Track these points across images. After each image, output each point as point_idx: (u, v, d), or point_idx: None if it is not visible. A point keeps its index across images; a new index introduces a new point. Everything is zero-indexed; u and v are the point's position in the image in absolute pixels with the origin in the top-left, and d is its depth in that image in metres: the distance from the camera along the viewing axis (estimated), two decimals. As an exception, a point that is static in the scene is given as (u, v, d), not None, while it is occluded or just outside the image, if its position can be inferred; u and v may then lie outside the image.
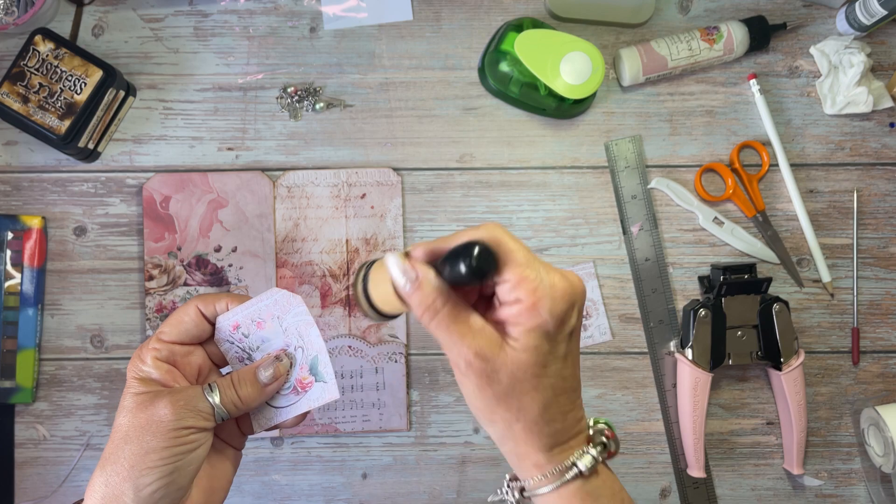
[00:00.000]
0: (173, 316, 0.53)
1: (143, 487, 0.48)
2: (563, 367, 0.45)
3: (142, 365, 0.51)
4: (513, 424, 0.45)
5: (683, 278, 0.82)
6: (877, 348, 0.83)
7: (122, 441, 0.48)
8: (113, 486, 0.48)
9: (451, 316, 0.44)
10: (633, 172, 0.82)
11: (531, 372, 0.44)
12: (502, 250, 0.44)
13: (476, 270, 0.42)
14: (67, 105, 0.75)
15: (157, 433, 0.48)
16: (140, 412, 0.49)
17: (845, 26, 0.82)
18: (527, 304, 0.43)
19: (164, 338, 0.52)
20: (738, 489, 0.82)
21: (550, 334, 0.44)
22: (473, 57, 0.83)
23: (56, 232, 0.81)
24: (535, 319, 0.43)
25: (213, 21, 0.82)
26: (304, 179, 0.81)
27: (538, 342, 0.44)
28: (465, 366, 0.44)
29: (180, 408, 0.49)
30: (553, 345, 0.44)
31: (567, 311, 0.44)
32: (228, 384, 0.51)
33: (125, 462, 0.48)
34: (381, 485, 0.81)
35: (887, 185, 0.83)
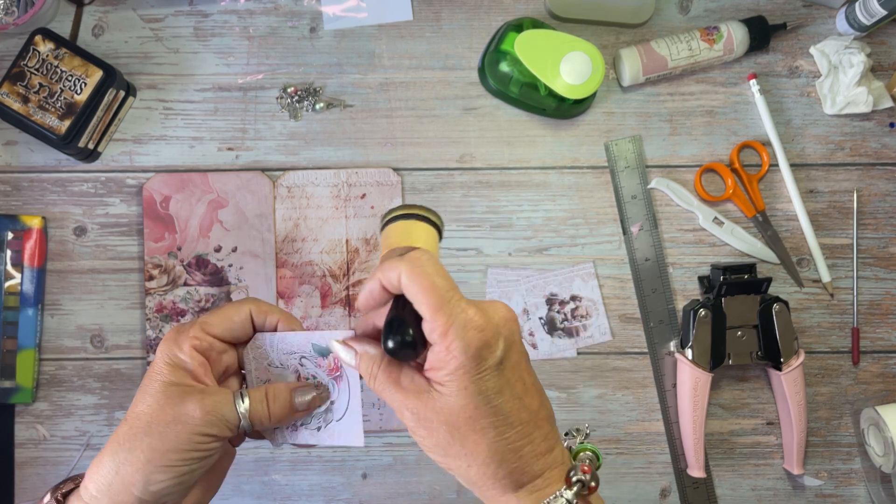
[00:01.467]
0: (223, 311, 0.51)
1: (154, 483, 0.47)
2: (501, 403, 0.44)
3: (178, 351, 0.49)
4: (467, 470, 0.44)
5: (683, 278, 0.82)
6: (877, 348, 0.83)
7: (142, 431, 0.47)
8: (124, 475, 0.47)
9: (384, 376, 0.46)
10: (633, 172, 0.82)
11: (464, 415, 0.43)
12: (417, 289, 0.43)
13: (395, 354, 0.45)
14: (67, 105, 0.75)
15: (181, 433, 0.47)
16: (168, 406, 0.48)
17: (845, 26, 0.82)
18: (442, 346, 0.43)
19: (207, 329, 0.51)
20: (738, 489, 0.82)
21: (472, 374, 0.43)
22: (473, 57, 0.83)
23: (56, 232, 0.81)
24: (453, 362, 0.43)
25: (213, 21, 0.82)
26: (304, 179, 0.81)
27: (462, 384, 0.43)
28: (406, 421, 0.45)
29: (208, 412, 0.48)
30: (480, 383, 0.43)
31: (484, 347, 0.43)
32: (261, 398, 0.50)
33: (142, 454, 0.47)
34: (381, 485, 0.81)
35: (887, 185, 0.83)
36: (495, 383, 0.44)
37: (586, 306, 0.82)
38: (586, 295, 0.82)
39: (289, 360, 0.54)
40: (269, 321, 0.53)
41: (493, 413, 0.44)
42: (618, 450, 0.82)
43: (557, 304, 0.82)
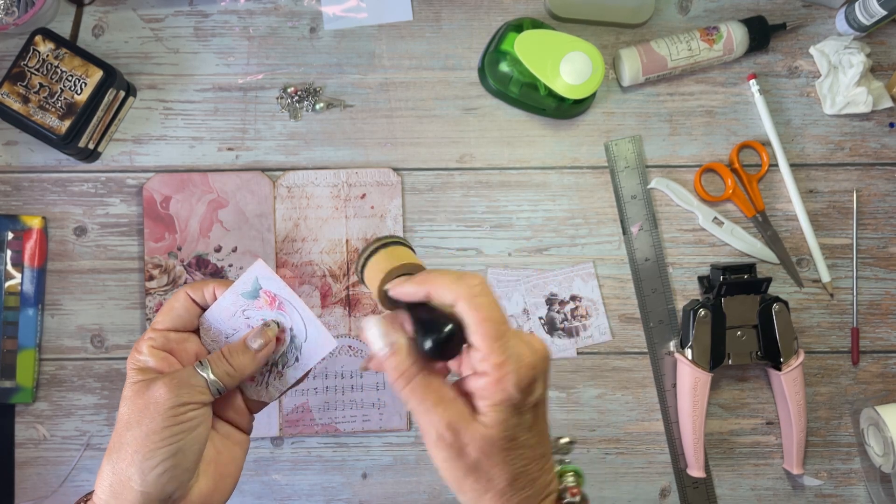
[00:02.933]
0: (164, 305, 0.54)
1: (149, 471, 0.48)
2: (530, 437, 0.45)
3: (138, 355, 0.52)
4: (482, 495, 0.45)
5: (683, 278, 0.82)
6: (876, 348, 0.83)
7: (124, 428, 0.49)
8: (120, 473, 0.49)
9: (423, 384, 0.45)
10: (632, 172, 0.82)
11: (499, 446, 0.44)
12: (476, 318, 0.44)
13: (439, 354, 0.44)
14: (68, 105, 0.75)
15: (156, 415, 0.49)
16: (138, 398, 0.50)
17: (845, 26, 0.82)
18: (493, 377, 0.44)
19: (157, 327, 0.53)
20: (738, 489, 0.82)
21: (517, 407, 0.44)
22: (473, 57, 0.83)
23: (56, 232, 0.81)
24: (502, 394, 0.44)
25: (214, 21, 0.82)
26: (304, 179, 0.81)
27: (506, 416, 0.44)
28: (437, 437, 0.44)
29: (174, 386, 0.50)
30: (520, 417, 0.45)
31: (532, 383, 0.44)
32: (219, 357, 0.53)
33: (129, 447, 0.49)
34: (381, 485, 0.81)
35: (887, 185, 0.83)
36: (531, 418, 0.45)
37: (586, 306, 0.82)
38: (586, 295, 0.82)
39: (235, 322, 0.56)
40: (206, 294, 0.55)
41: (524, 446, 0.45)
42: (618, 450, 0.82)
43: (557, 304, 0.82)
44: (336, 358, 0.80)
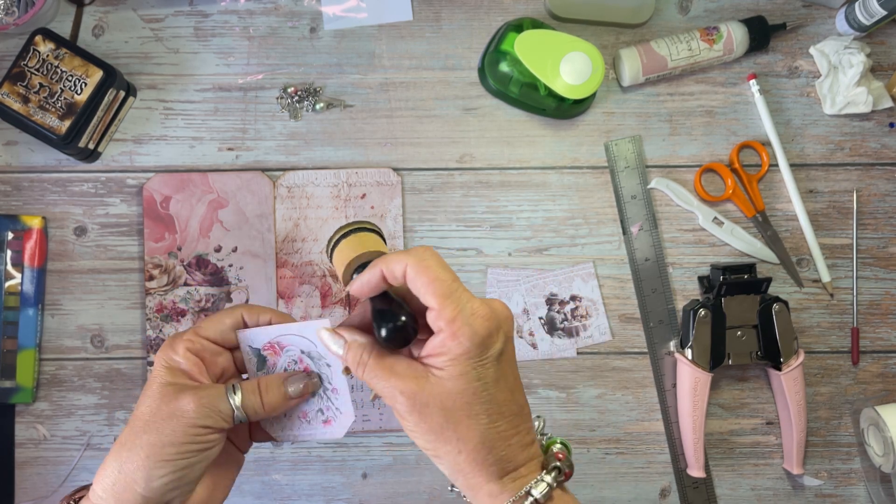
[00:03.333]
0: (216, 315, 0.54)
1: (155, 479, 0.49)
2: (496, 392, 0.46)
3: (173, 354, 0.52)
4: (456, 457, 0.46)
5: (683, 278, 0.82)
6: (876, 348, 0.83)
7: (141, 430, 0.49)
8: (126, 473, 0.49)
9: (377, 365, 0.47)
10: (632, 172, 0.82)
11: (461, 400, 0.45)
12: (424, 279, 0.45)
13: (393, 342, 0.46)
14: (68, 105, 0.75)
15: (177, 427, 0.49)
16: (164, 403, 0.50)
17: (845, 26, 0.82)
18: (447, 333, 0.45)
19: (200, 332, 0.53)
20: (738, 489, 0.82)
21: (474, 360, 0.45)
22: (473, 57, 0.83)
23: (56, 232, 0.81)
24: (458, 347, 0.44)
25: (214, 21, 0.82)
26: (304, 179, 0.81)
27: (463, 369, 0.45)
28: (399, 406, 0.46)
29: (202, 405, 0.50)
30: (480, 370, 0.45)
31: (489, 336, 0.45)
32: (254, 389, 0.52)
33: (141, 451, 0.49)
34: (381, 484, 0.81)
35: (887, 185, 0.83)
36: (493, 373, 0.45)
37: (586, 306, 0.82)
38: (586, 295, 0.82)
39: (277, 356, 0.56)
40: (261, 320, 0.54)
41: (489, 400, 0.45)
42: (617, 450, 0.82)
43: (557, 304, 0.82)
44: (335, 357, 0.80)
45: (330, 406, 0.56)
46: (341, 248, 0.53)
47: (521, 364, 0.82)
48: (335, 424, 0.56)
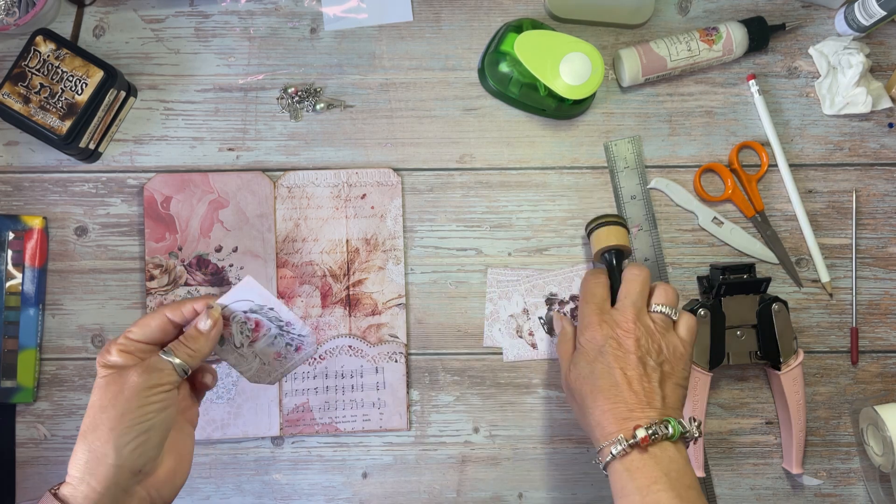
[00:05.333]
0: (142, 319, 0.60)
1: (123, 446, 0.55)
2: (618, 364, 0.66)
3: (108, 356, 0.58)
4: (598, 403, 0.65)
5: (682, 278, 0.83)
6: (875, 348, 0.83)
7: (98, 411, 0.56)
8: (95, 451, 0.55)
9: (569, 344, 0.73)
10: (632, 173, 0.82)
11: (636, 334, 0.67)
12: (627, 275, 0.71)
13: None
14: (68, 105, 0.75)
15: (131, 397, 0.55)
16: (111, 385, 0.56)
17: (844, 27, 0.83)
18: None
19: (130, 336, 0.59)
20: (738, 488, 0.82)
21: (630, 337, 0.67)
22: (473, 58, 0.83)
23: (57, 232, 0.81)
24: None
25: (214, 22, 0.82)
26: (304, 180, 0.81)
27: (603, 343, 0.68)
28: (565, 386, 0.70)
29: (144, 371, 0.57)
30: (617, 346, 0.67)
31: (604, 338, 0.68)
32: (179, 343, 0.59)
33: (104, 427, 0.55)
34: (382, 484, 0.81)
35: (886, 185, 0.83)
36: (635, 348, 0.66)
37: (586, 306, 0.82)
38: (586, 295, 0.82)
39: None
40: (185, 313, 0.61)
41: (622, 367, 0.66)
42: (617, 449, 0.82)
43: (557, 304, 0.82)
44: (336, 357, 0.80)
45: (293, 336, 0.66)
46: (599, 232, 0.77)
47: (521, 364, 0.82)
48: (305, 346, 0.66)
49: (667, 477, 0.59)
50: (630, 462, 0.61)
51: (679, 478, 0.60)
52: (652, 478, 0.60)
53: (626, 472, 0.60)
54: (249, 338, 0.65)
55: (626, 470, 0.60)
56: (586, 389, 0.66)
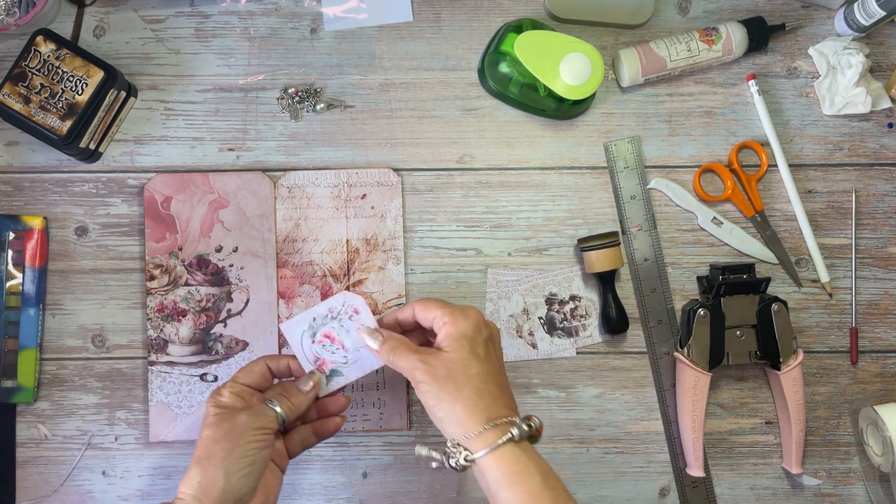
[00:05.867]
0: (247, 366, 0.70)
1: (233, 474, 0.62)
2: (484, 365, 0.64)
3: (219, 397, 0.66)
4: (454, 404, 0.62)
5: (682, 278, 0.83)
6: (875, 348, 0.83)
7: (211, 443, 0.64)
8: (208, 475, 0.62)
9: (405, 349, 0.66)
10: (632, 173, 0.82)
11: (460, 365, 0.63)
12: (422, 307, 0.67)
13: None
14: (69, 106, 0.75)
15: (240, 434, 0.64)
16: (223, 423, 0.64)
17: (844, 27, 0.83)
18: (450, 322, 0.65)
19: (238, 380, 0.68)
20: (737, 488, 0.82)
21: (468, 338, 0.64)
22: (473, 58, 0.83)
23: (57, 232, 0.81)
24: (456, 331, 0.64)
25: (214, 22, 0.82)
26: (304, 180, 0.81)
27: (460, 344, 0.64)
28: (418, 373, 0.64)
29: (254, 415, 0.65)
30: (472, 346, 0.64)
31: (478, 324, 0.65)
32: (283, 397, 0.67)
33: (217, 456, 0.63)
34: (382, 484, 0.81)
35: (885, 185, 0.83)
36: (483, 351, 0.64)
37: (586, 306, 0.82)
38: (586, 295, 0.82)
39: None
40: (281, 365, 0.71)
41: (480, 368, 0.63)
42: (617, 449, 0.82)
43: (557, 303, 0.82)
44: (336, 358, 0.80)
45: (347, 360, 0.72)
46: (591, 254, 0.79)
47: (521, 364, 0.82)
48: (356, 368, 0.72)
49: (552, 475, 0.62)
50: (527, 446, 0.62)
51: (548, 469, 0.62)
52: (547, 468, 0.62)
53: (526, 454, 0.61)
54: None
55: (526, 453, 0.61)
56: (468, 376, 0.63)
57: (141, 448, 0.80)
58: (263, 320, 0.80)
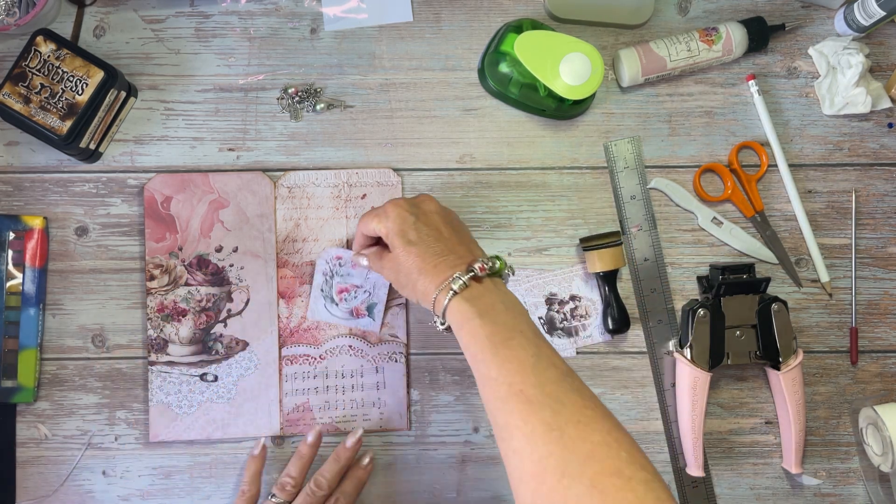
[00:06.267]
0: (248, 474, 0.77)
1: None
2: (419, 246, 0.68)
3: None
4: (414, 289, 0.67)
5: (682, 278, 0.83)
6: (875, 348, 0.83)
7: None
8: None
9: (374, 259, 0.74)
10: (632, 173, 0.82)
11: (401, 258, 0.68)
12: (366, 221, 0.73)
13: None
14: (69, 106, 0.75)
15: None
16: None
17: (844, 27, 0.83)
18: (381, 229, 0.71)
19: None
20: (737, 488, 0.82)
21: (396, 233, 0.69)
22: (473, 58, 0.83)
23: (57, 232, 0.81)
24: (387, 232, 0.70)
25: (214, 22, 0.82)
26: (304, 180, 0.81)
27: (393, 242, 0.69)
28: (386, 271, 0.72)
29: None
30: (403, 237, 0.68)
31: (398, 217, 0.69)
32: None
33: None
34: (382, 484, 0.81)
35: (885, 185, 0.83)
36: (414, 235, 0.68)
37: (585, 306, 0.82)
38: (586, 295, 0.82)
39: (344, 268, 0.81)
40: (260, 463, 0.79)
41: (416, 249, 0.68)
42: (617, 449, 0.82)
43: (557, 303, 0.82)
44: (336, 357, 0.80)
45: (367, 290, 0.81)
46: (593, 254, 0.79)
47: (521, 364, 0.82)
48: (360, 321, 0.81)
49: (503, 303, 0.63)
50: (469, 293, 0.64)
51: (514, 304, 0.64)
52: (490, 303, 0.63)
53: (467, 301, 0.63)
54: None
55: (467, 300, 0.63)
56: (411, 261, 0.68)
57: (141, 448, 0.80)
58: (263, 320, 0.80)
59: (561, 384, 0.58)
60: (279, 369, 0.80)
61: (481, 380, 0.61)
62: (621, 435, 0.56)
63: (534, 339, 0.61)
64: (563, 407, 0.56)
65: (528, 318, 0.64)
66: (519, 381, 0.58)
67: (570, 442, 0.54)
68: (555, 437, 0.55)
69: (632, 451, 0.54)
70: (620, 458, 0.53)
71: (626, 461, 0.53)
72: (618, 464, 0.53)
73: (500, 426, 0.58)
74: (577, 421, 0.55)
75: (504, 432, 0.57)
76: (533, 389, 0.57)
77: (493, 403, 0.59)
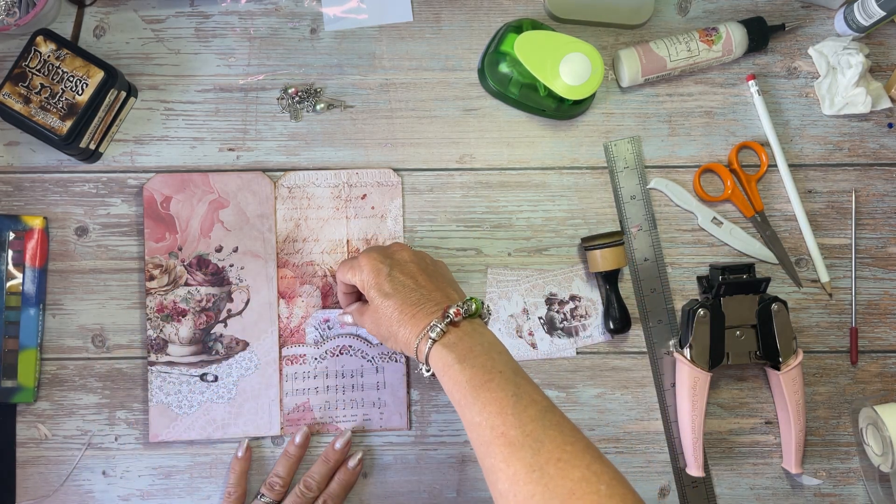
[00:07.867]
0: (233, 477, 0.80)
1: None
2: (395, 298, 0.69)
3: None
4: (396, 341, 0.68)
5: (682, 278, 0.83)
6: (875, 348, 0.83)
7: None
8: None
9: (356, 315, 0.76)
10: (632, 173, 0.82)
11: (379, 310, 0.69)
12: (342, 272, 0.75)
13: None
14: (69, 106, 0.75)
15: None
16: None
17: (844, 27, 0.83)
18: (357, 281, 0.72)
19: None
20: (737, 488, 0.82)
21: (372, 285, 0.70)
22: (473, 58, 0.83)
23: (57, 232, 0.81)
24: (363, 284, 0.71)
25: (214, 22, 0.83)
26: (304, 180, 0.81)
27: (370, 295, 0.70)
28: (367, 324, 0.72)
29: None
30: (379, 289, 0.69)
31: (373, 270, 0.70)
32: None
33: None
34: (382, 484, 0.81)
35: (885, 185, 0.83)
36: (389, 286, 0.69)
37: (585, 306, 0.82)
38: (586, 295, 0.82)
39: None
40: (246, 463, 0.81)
41: (392, 302, 0.69)
42: (617, 449, 0.82)
43: (557, 303, 0.82)
44: (336, 357, 0.80)
45: None
46: (595, 253, 0.79)
47: (521, 364, 0.82)
48: None
49: (481, 346, 0.64)
50: (448, 339, 0.65)
51: (492, 344, 0.65)
52: (468, 346, 0.64)
53: (446, 348, 0.64)
54: None
55: (446, 346, 0.64)
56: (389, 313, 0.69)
57: (141, 448, 0.80)
58: (264, 320, 0.80)
59: (542, 421, 0.59)
60: (279, 369, 0.80)
61: (467, 425, 0.62)
62: (600, 467, 0.57)
63: (513, 378, 0.62)
64: (543, 446, 0.57)
65: (508, 356, 0.65)
66: (500, 423, 0.59)
67: (551, 481, 0.56)
68: (535, 478, 0.56)
69: (611, 483, 0.56)
70: (600, 492, 0.55)
71: (606, 495, 0.55)
72: (597, 499, 0.55)
73: (486, 469, 0.59)
74: (557, 459, 0.57)
75: (491, 475, 0.59)
76: (514, 430, 0.58)
77: (479, 448, 0.60)
